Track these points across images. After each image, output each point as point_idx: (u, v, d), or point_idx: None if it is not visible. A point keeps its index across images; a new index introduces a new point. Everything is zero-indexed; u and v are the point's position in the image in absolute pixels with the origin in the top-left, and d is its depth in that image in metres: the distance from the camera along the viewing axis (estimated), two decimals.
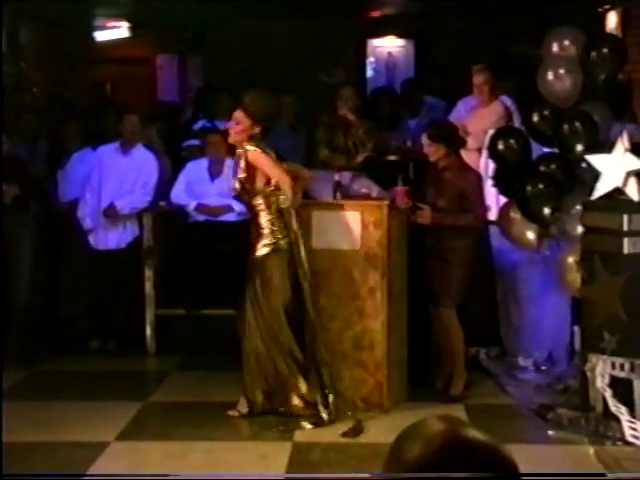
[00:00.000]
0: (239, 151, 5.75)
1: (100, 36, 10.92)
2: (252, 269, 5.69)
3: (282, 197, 5.61)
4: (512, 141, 6.46)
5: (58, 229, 7.90)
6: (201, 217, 7.40)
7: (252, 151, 5.64)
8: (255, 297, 5.65)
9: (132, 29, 10.81)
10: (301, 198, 5.78)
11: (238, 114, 5.70)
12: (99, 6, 9.93)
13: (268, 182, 5.66)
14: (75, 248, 7.65)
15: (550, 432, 5.46)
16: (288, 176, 5.62)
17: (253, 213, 5.75)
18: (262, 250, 5.64)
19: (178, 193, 7.49)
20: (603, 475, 4.90)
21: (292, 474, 4.91)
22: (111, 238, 7.49)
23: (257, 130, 5.69)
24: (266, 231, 5.65)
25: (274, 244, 5.64)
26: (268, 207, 5.66)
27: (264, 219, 5.67)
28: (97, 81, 10.40)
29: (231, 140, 5.83)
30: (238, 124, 5.69)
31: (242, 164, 5.67)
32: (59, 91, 9.67)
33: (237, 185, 5.73)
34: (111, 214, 7.40)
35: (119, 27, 10.81)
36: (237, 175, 5.75)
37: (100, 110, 8.67)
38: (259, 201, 5.68)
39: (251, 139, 5.68)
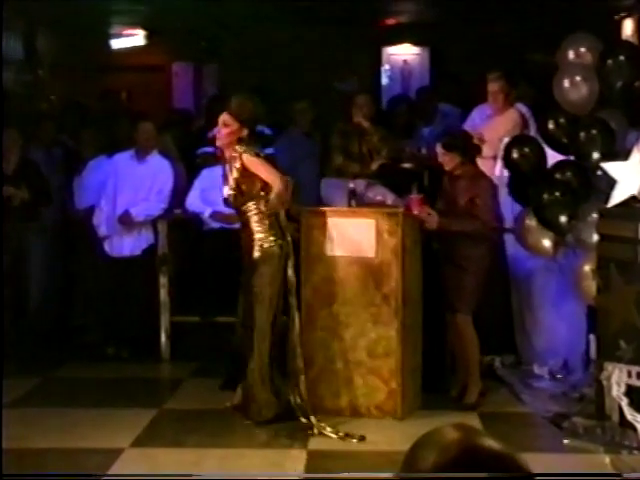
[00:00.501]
0: (231, 155, 5.72)
1: (116, 44, 10.96)
2: (245, 275, 5.69)
3: (271, 198, 5.54)
4: (527, 149, 6.44)
5: (74, 236, 7.92)
6: (216, 224, 7.41)
7: (247, 154, 5.65)
8: (247, 303, 5.67)
9: (148, 37, 10.84)
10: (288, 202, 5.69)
11: (225, 117, 5.73)
12: (116, 14, 9.97)
13: (262, 187, 5.65)
14: (90, 255, 7.68)
15: (565, 441, 5.43)
16: (283, 179, 5.61)
17: (244, 218, 5.72)
18: (254, 256, 5.63)
19: (193, 200, 7.50)
20: (619, 476, 4.88)
21: (308, 474, 4.91)
22: (126, 245, 7.51)
23: (244, 133, 5.71)
24: (258, 236, 5.64)
25: (266, 250, 5.63)
26: (261, 212, 5.65)
27: (256, 224, 5.66)
28: (112, 89, 10.44)
29: (219, 143, 5.81)
30: (226, 127, 5.71)
31: (237, 167, 5.65)
32: (75, 98, 9.71)
33: (231, 189, 5.68)
34: (126, 221, 7.42)
35: (135, 35, 10.85)
36: (228, 180, 5.73)
37: (115, 118, 8.71)
38: (252, 206, 5.67)
39: (239, 142, 5.70)
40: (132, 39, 10.92)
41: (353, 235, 5.87)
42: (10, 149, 7.45)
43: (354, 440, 5.46)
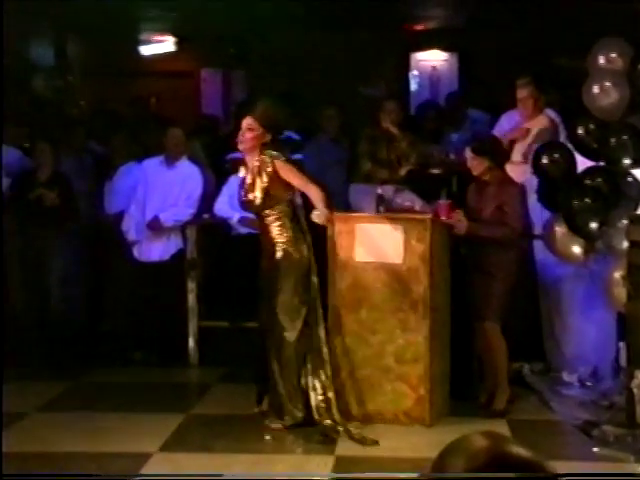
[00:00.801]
0: (254, 159, 5.69)
1: (146, 50, 11.03)
2: (266, 280, 5.70)
3: (316, 212, 5.52)
4: (557, 155, 6.40)
5: (103, 241, 7.97)
6: (244, 229, 7.42)
7: (279, 160, 5.64)
8: (270, 308, 5.69)
9: (177, 43, 10.91)
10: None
11: (249, 121, 5.70)
12: (145, 20, 10.04)
13: (289, 192, 5.66)
14: (119, 260, 7.72)
15: (595, 449, 5.38)
16: (320, 185, 5.61)
17: (266, 223, 5.69)
18: (278, 260, 5.62)
19: (221, 206, 7.52)
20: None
21: (337, 474, 4.92)
22: (155, 250, 7.54)
23: (268, 138, 5.70)
24: (281, 240, 5.64)
25: (291, 255, 5.63)
26: (285, 216, 5.65)
27: (279, 229, 5.64)
28: (142, 94, 10.51)
29: (242, 147, 5.76)
30: (250, 131, 5.68)
31: (268, 171, 5.63)
32: (105, 104, 9.78)
33: (259, 194, 5.64)
34: (155, 227, 7.45)
35: (165, 41, 10.92)
36: (246, 184, 5.70)
37: (144, 123, 8.76)
38: (276, 210, 5.66)
39: (263, 147, 5.68)
40: (161, 45, 10.99)
41: (381, 241, 5.85)
42: (44, 162, 7.53)
43: (368, 444, 5.46)
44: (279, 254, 5.64)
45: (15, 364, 7.17)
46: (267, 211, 5.69)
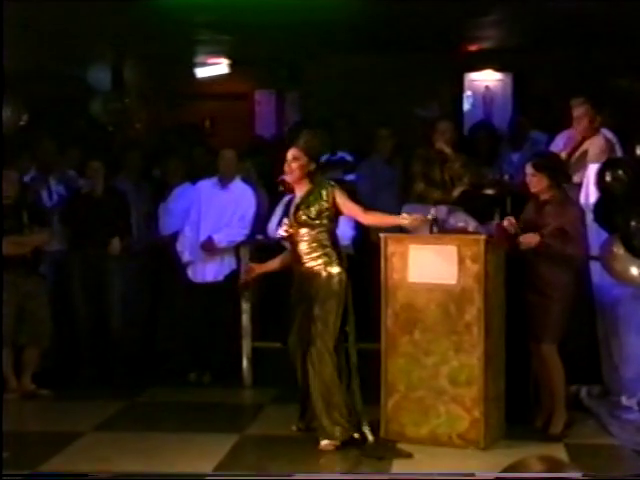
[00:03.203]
0: (308, 189, 5.84)
1: (201, 72, 11.15)
2: (304, 300, 5.79)
3: (403, 216, 5.79)
4: (621, 172, 6.31)
5: (158, 262, 8.05)
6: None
7: (338, 190, 5.84)
8: (306, 326, 5.78)
9: (231, 65, 11.01)
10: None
11: (294, 151, 5.89)
12: (200, 43, 10.15)
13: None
14: (174, 281, 7.78)
15: None
16: (368, 212, 5.87)
17: (302, 248, 5.82)
18: (319, 281, 5.73)
19: (274, 226, 7.55)
20: None
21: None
22: (209, 271, 7.59)
23: (312, 167, 5.87)
24: (321, 261, 5.76)
25: (330, 275, 5.74)
26: (327, 240, 5.81)
27: (317, 250, 5.79)
28: (196, 117, 10.62)
29: (289, 178, 5.93)
30: (295, 160, 5.85)
31: (326, 199, 5.79)
32: (161, 127, 9.90)
33: (313, 215, 5.80)
34: (209, 247, 7.51)
35: (219, 63, 11.03)
36: (290, 213, 5.87)
37: (198, 146, 8.85)
38: (314, 231, 5.80)
39: (309, 176, 5.85)
40: (216, 68, 11.10)
41: (434, 262, 5.83)
42: (97, 179, 7.64)
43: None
44: (321, 275, 5.75)
45: (74, 383, 7.28)
46: (304, 233, 5.79)
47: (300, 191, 5.90)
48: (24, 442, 5.74)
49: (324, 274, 5.75)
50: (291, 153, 5.90)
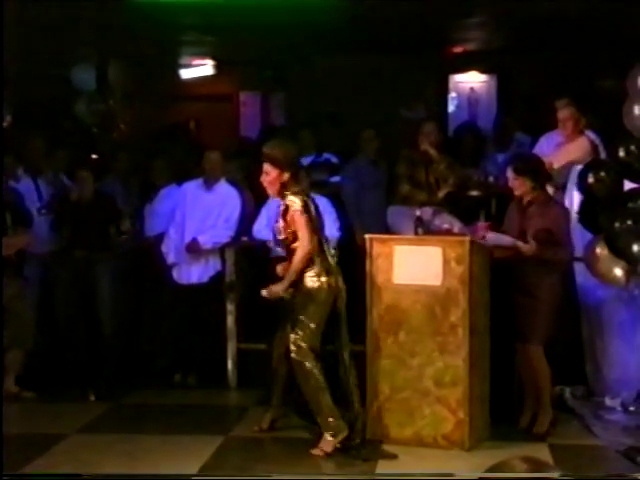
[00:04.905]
0: (282, 203, 5.80)
1: (186, 73, 11.14)
2: (289, 307, 5.81)
3: (271, 287, 5.79)
4: (603, 174, 6.34)
5: (142, 263, 8.02)
6: (283, 252, 7.43)
7: (294, 208, 5.69)
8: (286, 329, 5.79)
9: (216, 67, 11.00)
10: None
11: (264, 166, 5.80)
12: (185, 44, 10.14)
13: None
14: (158, 282, 7.76)
15: (639, 476, 5.30)
16: (310, 245, 5.67)
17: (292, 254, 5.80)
18: (303, 290, 5.72)
19: (260, 228, 7.55)
20: None
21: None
22: (194, 273, 7.58)
23: (286, 177, 5.75)
24: (308, 274, 5.72)
25: (313, 287, 5.72)
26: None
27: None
28: (181, 118, 10.60)
29: (269, 192, 5.90)
30: (266, 175, 5.78)
31: (286, 217, 5.74)
32: (145, 128, 9.86)
33: (283, 233, 5.80)
34: (194, 249, 7.49)
35: (204, 65, 11.02)
36: (279, 222, 5.84)
37: (184, 147, 8.83)
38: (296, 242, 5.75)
39: (284, 187, 5.75)
40: (201, 69, 11.09)
41: (419, 263, 5.84)
42: (86, 187, 7.58)
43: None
44: (305, 284, 5.73)
45: (57, 385, 7.25)
46: (293, 246, 5.78)
47: (281, 200, 5.85)
48: (7, 444, 5.71)
49: (308, 281, 5.73)
50: (264, 167, 5.83)
